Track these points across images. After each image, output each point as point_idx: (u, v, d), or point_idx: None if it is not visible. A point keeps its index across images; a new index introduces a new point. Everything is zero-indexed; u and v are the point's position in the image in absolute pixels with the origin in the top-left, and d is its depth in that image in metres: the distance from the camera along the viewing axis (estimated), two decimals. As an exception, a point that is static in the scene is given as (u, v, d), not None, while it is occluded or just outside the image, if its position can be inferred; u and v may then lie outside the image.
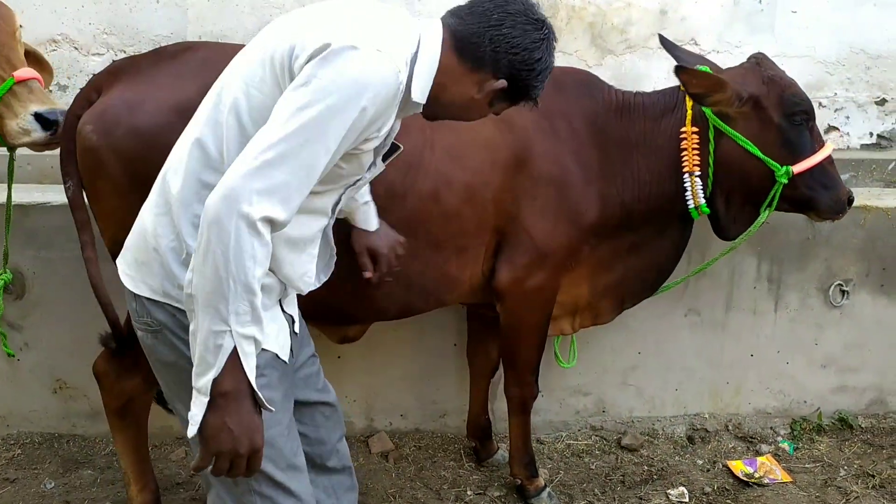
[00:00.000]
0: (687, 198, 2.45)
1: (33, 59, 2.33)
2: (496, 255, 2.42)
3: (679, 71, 2.29)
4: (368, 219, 2.03)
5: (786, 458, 3.05)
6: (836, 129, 3.56)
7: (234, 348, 1.36)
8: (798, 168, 2.36)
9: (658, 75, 3.32)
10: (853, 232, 3.05)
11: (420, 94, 1.53)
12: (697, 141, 2.41)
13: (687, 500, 2.79)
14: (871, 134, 3.57)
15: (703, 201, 2.45)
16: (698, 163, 2.42)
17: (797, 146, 2.38)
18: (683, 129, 2.42)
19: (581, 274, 2.55)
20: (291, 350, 1.68)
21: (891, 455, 3.07)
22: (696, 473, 2.96)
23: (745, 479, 2.90)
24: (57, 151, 2.15)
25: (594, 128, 2.45)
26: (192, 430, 1.40)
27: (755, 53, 2.52)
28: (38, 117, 2.03)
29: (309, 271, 1.65)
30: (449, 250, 2.34)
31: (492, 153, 2.30)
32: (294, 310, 1.76)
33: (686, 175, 2.43)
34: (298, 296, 2.26)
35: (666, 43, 2.59)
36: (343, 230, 2.01)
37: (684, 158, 2.43)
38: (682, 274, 2.85)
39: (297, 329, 1.76)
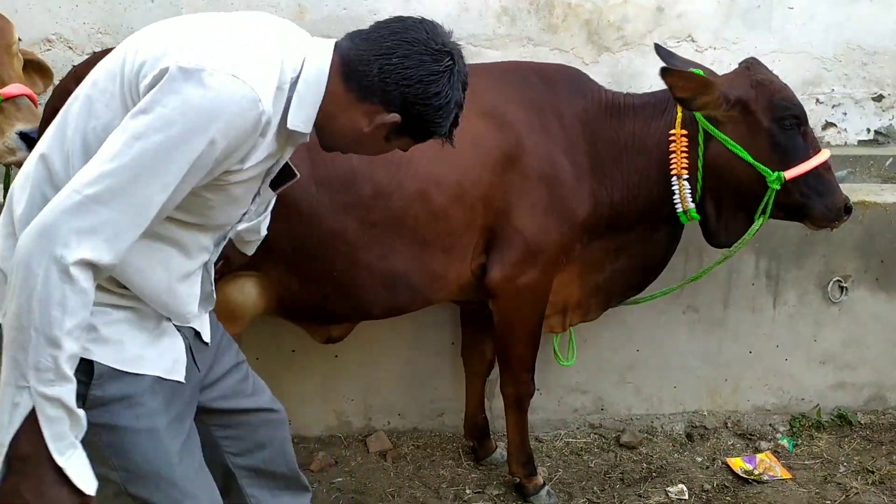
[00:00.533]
0: (675, 201, 2.43)
1: (34, 66, 2.31)
2: (487, 253, 2.41)
3: (665, 73, 2.27)
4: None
5: (785, 455, 3.04)
6: (833, 125, 3.56)
7: (33, 409, 1.19)
8: (790, 173, 2.31)
9: (655, 72, 3.31)
10: (851, 228, 3.04)
11: (301, 122, 1.38)
12: (686, 144, 2.39)
13: (686, 497, 2.79)
14: (869, 130, 3.57)
15: (692, 206, 2.43)
16: (686, 166, 2.39)
17: (789, 151, 2.33)
18: (672, 132, 2.40)
19: (572, 272, 2.54)
20: (197, 365, 1.57)
21: (890, 451, 3.07)
22: (695, 471, 2.95)
23: (744, 476, 2.89)
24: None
25: (585, 126, 2.44)
26: None
27: (747, 58, 2.49)
28: (24, 136, 1.99)
29: (192, 309, 1.53)
30: (435, 249, 2.33)
31: (481, 151, 2.29)
32: (200, 322, 1.61)
33: (674, 178, 2.41)
34: (275, 297, 2.27)
35: (661, 51, 2.57)
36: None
37: (672, 161, 2.40)
38: (679, 275, 2.84)
39: (206, 339, 1.61)
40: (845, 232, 3.03)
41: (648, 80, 3.23)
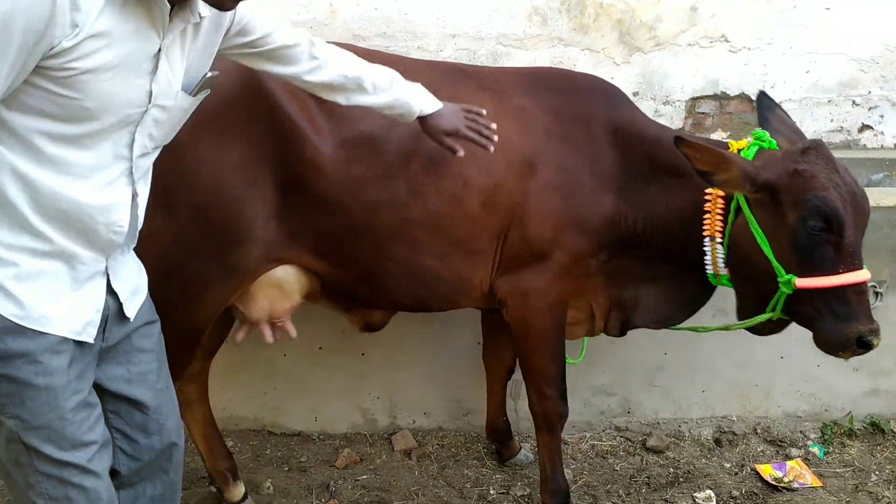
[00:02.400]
0: (706, 262, 2.31)
1: None
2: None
3: (679, 143, 2.09)
4: (415, 104, 2.01)
5: (816, 463, 2.99)
6: (869, 127, 3.49)
7: None
8: (803, 283, 2.08)
9: (685, 73, 3.28)
10: (887, 233, 2.98)
11: None
12: (722, 207, 2.22)
13: (714, 503, 2.75)
14: (906, 132, 3.50)
15: (724, 271, 2.30)
16: (720, 230, 2.23)
17: (811, 258, 2.08)
18: (709, 191, 2.23)
19: (597, 282, 2.47)
20: (104, 335, 1.61)
21: (924, 461, 3.01)
22: (723, 477, 2.91)
23: (774, 483, 2.85)
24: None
25: (616, 141, 2.37)
26: None
27: (814, 140, 2.21)
28: None
29: (118, 221, 1.55)
30: (464, 251, 2.32)
31: (507, 155, 2.27)
32: (125, 286, 1.65)
33: (707, 239, 2.28)
34: (315, 277, 2.31)
35: (764, 101, 2.40)
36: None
37: (706, 221, 2.27)
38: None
39: (128, 313, 1.65)
40: (881, 237, 2.97)
41: (679, 80, 3.20)
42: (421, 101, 2.02)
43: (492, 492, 2.82)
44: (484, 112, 2.11)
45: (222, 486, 2.64)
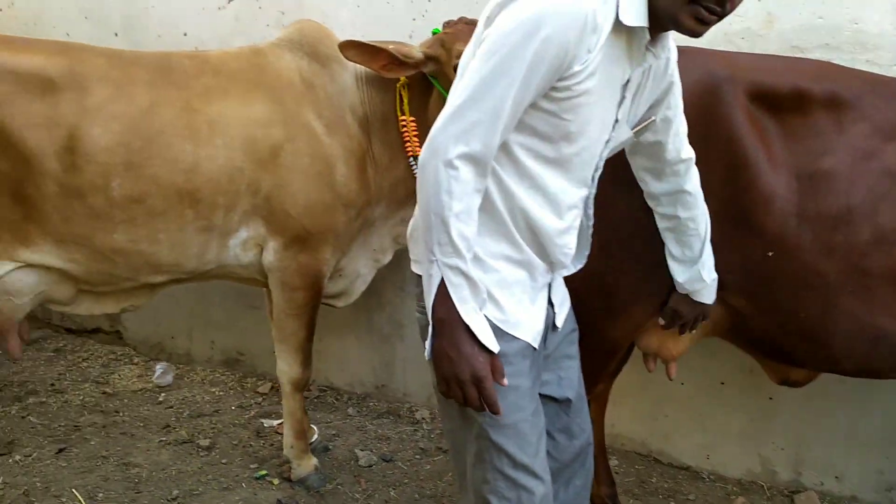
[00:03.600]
0: None
1: None
2: None
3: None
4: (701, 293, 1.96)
5: None
6: None
7: (443, 279, 1.43)
8: None
9: None
10: None
11: (633, 15, 1.43)
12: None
13: None
14: None
15: None
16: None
17: None
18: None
19: None
20: (546, 338, 1.69)
21: None
22: None
23: None
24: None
25: None
26: (426, 354, 1.50)
27: None
28: None
29: (569, 244, 1.62)
30: None
31: None
32: (560, 299, 1.74)
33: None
34: (728, 319, 2.14)
35: None
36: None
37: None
38: None
39: (558, 322, 1.73)
40: None
41: None
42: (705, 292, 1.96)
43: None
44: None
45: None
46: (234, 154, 2.41)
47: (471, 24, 2.32)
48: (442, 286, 1.43)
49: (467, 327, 1.44)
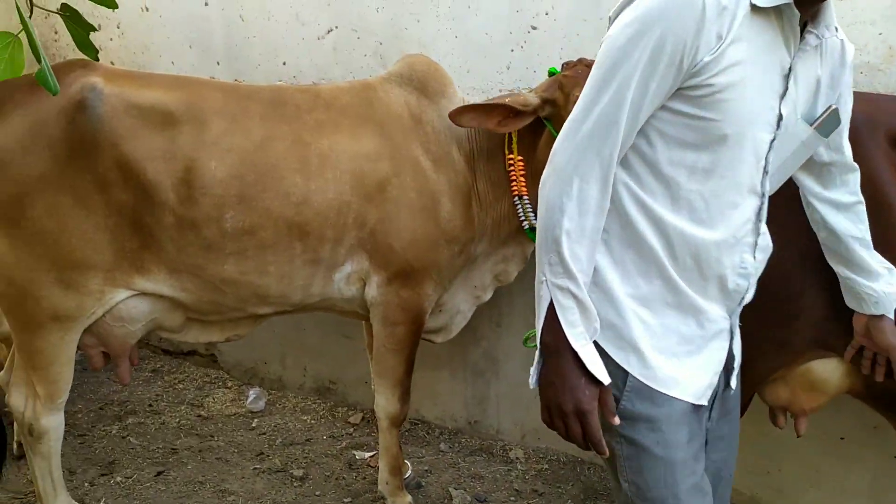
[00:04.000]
0: None
1: None
2: None
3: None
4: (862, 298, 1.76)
5: None
6: None
7: (552, 301, 1.34)
8: None
9: None
10: None
11: None
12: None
13: None
14: None
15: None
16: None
17: None
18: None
19: None
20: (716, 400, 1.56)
21: None
22: None
23: None
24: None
25: None
26: (531, 381, 1.41)
27: None
28: None
29: (744, 261, 1.45)
30: None
31: None
32: (738, 348, 1.57)
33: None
34: (861, 382, 1.98)
35: None
36: None
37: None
38: None
39: (732, 384, 1.58)
40: None
41: None
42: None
43: None
44: None
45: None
46: (342, 188, 2.41)
47: (591, 66, 2.27)
48: (551, 308, 1.35)
49: (575, 354, 1.33)
